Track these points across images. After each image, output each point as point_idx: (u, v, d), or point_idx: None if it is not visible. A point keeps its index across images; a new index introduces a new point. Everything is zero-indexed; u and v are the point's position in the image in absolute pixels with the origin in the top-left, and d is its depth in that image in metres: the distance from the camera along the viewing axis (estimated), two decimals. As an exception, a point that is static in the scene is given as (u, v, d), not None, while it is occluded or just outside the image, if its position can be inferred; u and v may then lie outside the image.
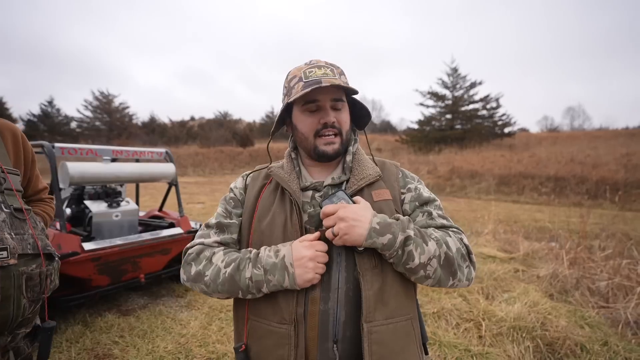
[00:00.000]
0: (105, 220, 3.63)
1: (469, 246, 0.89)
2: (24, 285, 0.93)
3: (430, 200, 0.96)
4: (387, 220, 0.82)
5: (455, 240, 0.86)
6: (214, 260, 0.88)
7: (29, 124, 36.81)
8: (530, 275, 4.19)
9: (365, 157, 1.01)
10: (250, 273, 0.83)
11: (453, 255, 0.83)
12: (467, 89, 29.67)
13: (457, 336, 2.82)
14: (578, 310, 3.20)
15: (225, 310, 3.36)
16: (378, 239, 0.79)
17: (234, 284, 0.84)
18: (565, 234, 5.51)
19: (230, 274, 0.85)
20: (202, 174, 25.21)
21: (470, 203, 11.94)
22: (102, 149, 3.55)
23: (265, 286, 0.83)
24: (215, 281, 0.86)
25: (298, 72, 0.92)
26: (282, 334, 0.84)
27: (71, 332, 2.87)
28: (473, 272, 0.88)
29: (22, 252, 0.94)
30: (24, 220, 0.99)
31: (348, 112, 0.96)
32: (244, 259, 0.87)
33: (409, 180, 0.99)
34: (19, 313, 0.93)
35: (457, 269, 0.84)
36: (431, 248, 0.81)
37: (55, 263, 1.06)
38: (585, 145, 20.73)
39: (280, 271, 0.81)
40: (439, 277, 0.82)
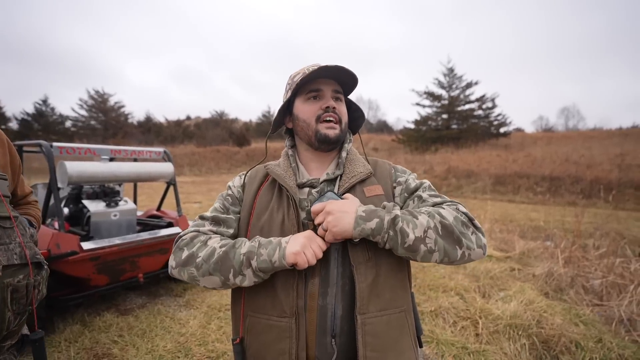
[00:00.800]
0: (104, 219, 3.62)
1: (468, 213, 0.86)
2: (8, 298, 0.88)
3: (419, 186, 0.97)
4: (372, 208, 0.83)
5: (450, 210, 0.85)
6: (209, 243, 0.87)
7: (23, 123, 36.45)
8: (526, 273, 4.24)
9: (358, 156, 1.04)
10: (246, 249, 0.83)
11: (451, 223, 0.80)
12: (463, 89, 29.82)
13: (454, 334, 2.86)
14: (573, 308, 3.25)
15: (224, 310, 3.37)
16: (366, 224, 0.80)
17: (227, 262, 0.83)
18: (560, 233, 5.58)
19: (225, 251, 0.84)
20: (198, 173, 25.12)
21: (467, 202, 12.01)
22: (101, 149, 3.54)
23: (255, 259, 0.82)
24: (208, 261, 0.83)
25: (301, 70, 0.98)
26: (283, 327, 0.85)
27: (70, 332, 2.87)
28: (482, 238, 0.84)
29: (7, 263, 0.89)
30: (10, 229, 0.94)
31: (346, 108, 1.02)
32: (241, 240, 0.88)
33: (399, 174, 1.01)
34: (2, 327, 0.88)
35: (461, 235, 0.80)
36: (423, 220, 0.80)
37: (44, 272, 1.01)
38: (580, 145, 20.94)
39: (273, 246, 0.82)
40: (443, 248, 0.79)
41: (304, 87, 0.97)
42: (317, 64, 0.96)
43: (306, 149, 1.02)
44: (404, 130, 32.08)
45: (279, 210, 0.93)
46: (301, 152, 1.04)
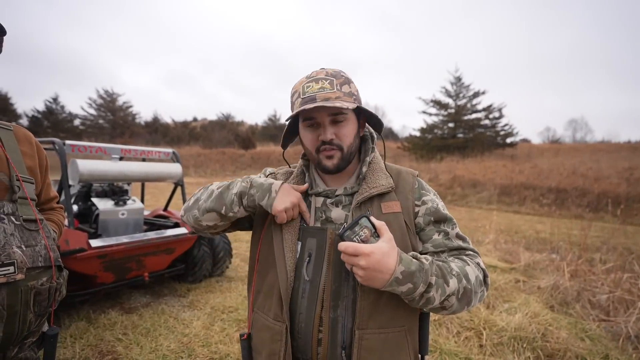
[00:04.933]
0: (112, 218, 3.66)
1: (485, 270, 0.89)
2: (31, 300, 0.90)
3: (448, 219, 0.94)
4: (411, 269, 0.76)
5: (474, 268, 0.86)
6: (210, 187, 0.99)
7: (33, 120, 37.02)
8: (531, 286, 4.20)
9: (381, 166, 0.99)
10: (237, 189, 0.93)
11: (471, 289, 0.82)
12: (470, 98, 29.75)
13: (458, 344, 2.84)
14: (579, 323, 3.21)
15: (227, 311, 3.38)
16: (398, 287, 0.76)
17: (221, 199, 0.93)
18: (567, 246, 5.52)
19: (220, 191, 0.95)
20: (203, 174, 25.26)
21: (472, 212, 11.95)
22: (111, 148, 3.59)
23: (246, 198, 0.91)
24: (207, 200, 0.95)
25: (299, 86, 0.91)
26: (276, 330, 0.89)
27: (75, 328, 2.90)
28: (486, 292, 0.89)
29: (32, 265, 0.90)
30: (36, 231, 0.95)
31: (352, 124, 0.93)
32: (235, 181, 0.97)
33: (425, 193, 0.96)
34: (24, 328, 0.90)
35: (473, 298, 0.83)
36: (452, 287, 0.80)
37: (65, 273, 1.03)
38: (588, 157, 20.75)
39: (264, 191, 0.91)
40: (455, 309, 0.83)
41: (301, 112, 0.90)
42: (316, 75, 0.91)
43: None
44: (409, 138, 32.03)
45: None
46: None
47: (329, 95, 0.86)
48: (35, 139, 1.13)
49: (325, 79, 0.89)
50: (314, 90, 0.87)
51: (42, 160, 1.13)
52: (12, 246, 0.88)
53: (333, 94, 0.86)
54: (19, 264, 0.87)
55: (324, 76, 0.90)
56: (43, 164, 1.13)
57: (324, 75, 0.90)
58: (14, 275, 0.86)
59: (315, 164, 0.96)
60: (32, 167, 1.06)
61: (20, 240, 0.90)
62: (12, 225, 0.90)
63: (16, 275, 0.86)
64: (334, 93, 0.86)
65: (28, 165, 1.04)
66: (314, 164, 0.98)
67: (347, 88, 0.90)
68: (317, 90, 0.87)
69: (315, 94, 0.86)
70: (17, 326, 0.88)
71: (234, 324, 3.13)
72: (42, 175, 1.13)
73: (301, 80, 0.93)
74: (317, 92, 0.86)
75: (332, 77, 0.90)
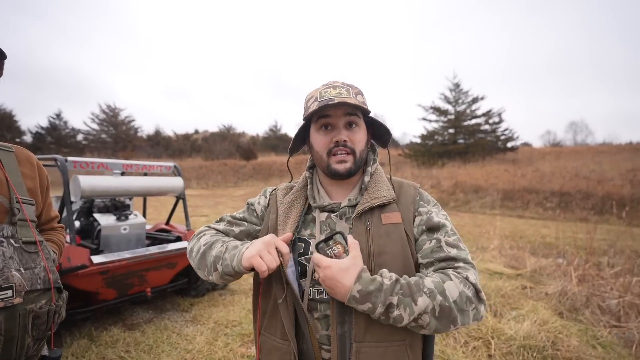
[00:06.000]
0: (114, 233, 3.65)
1: (476, 284, 0.81)
2: (29, 324, 0.88)
3: (440, 226, 0.90)
4: (369, 289, 0.76)
5: (457, 284, 0.79)
6: (201, 240, 0.98)
7: (37, 136, 37.30)
8: (538, 292, 4.13)
9: (383, 177, 0.99)
10: (215, 252, 0.90)
11: (450, 305, 0.76)
12: (469, 104, 29.81)
13: (466, 354, 2.78)
14: (589, 329, 3.15)
15: (230, 326, 3.33)
16: (357, 305, 0.77)
17: (203, 260, 0.92)
18: (573, 250, 5.45)
19: (203, 251, 0.94)
20: (205, 186, 25.29)
21: (475, 218, 11.86)
22: (113, 163, 3.60)
23: (220, 263, 0.87)
24: (195, 257, 0.95)
25: (315, 92, 0.95)
26: (285, 350, 0.87)
27: (77, 347, 2.86)
28: (482, 311, 0.81)
29: (31, 288, 0.89)
30: (35, 253, 0.95)
31: (364, 132, 0.96)
32: (220, 240, 0.94)
33: (423, 204, 0.96)
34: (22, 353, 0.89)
35: (458, 316, 0.77)
36: (422, 305, 0.76)
37: (64, 294, 1.02)
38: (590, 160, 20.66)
39: (234, 251, 0.87)
40: (434, 327, 0.77)
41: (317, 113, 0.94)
42: (333, 83, 0.95)
43: (324, 175, 1.01)
44: (410, 145, 32.05)
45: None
46: (321, 175, 1.03)
47: (346, 100, 0.88)
48: (36, 159, 1.14)
49: (342, 86, 0.94)
50: (331, 94, 0.91)
51: (42, 180, 1.12)
52: (10, 269, 0.87)
53: (350, 99, 0.89)
54: (18, 287, 0.86)
55: (340, 84, 0.95)
56: (44, 185, 1.13)
57: (340, 84, 0.95)
58: (11, 299, 0.84)
59: (324, 168, 0.96)
60: (33, 189, 1.06)
61: (19, 262, 0.90)
62: (11, 248, 0.90)
63: (14, 299, 0.85)
64: (350, 99, 0.89)
65: (28, 186, 1.04)
66: (322, 169, 0.97)
67: (361, 98, 0.95)
68: (335, 95, 0.90)
69: (334, 97, 0.89)
70: (14, 351, 0.86)
71: (238, 338, 3.09)
72: (43, 196, 1.12)
73: (317, 88, 0.97)
74: (336, 96, 0.89)
75: (348, 86, 0.95)
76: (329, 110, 0.92)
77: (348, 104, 0.88)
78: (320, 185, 1.02)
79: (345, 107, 0.91)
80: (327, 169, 0.95)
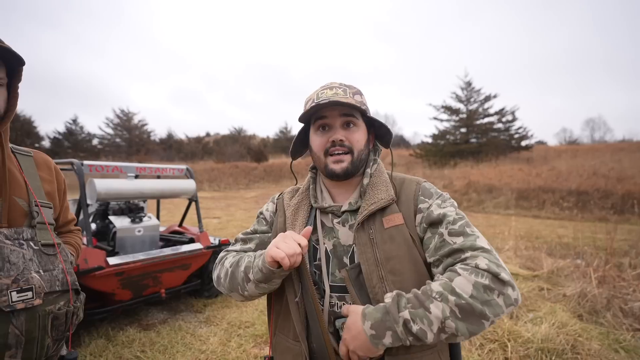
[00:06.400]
0: (129, 235, 3.71)
1: (490, 269, 0.73)
2: (49, 325, 0.90)
3: (442, 219, 0.85)
4: (377, 317, 0.75)
5: (467, 276, 0.73)
6: (225, 264, 0.97)
7: (54, 141, 38.37)
8: (556, 294, 4.03)
9: (383, 178, 0.96)
10: (244, 265, 0.90)
11: (468, 302, 0.70)
12: (481, 102, 29.41)
13: (482, 357, 2.73)
14: (611, 333, 3.05)
15: (243, 327, 3.35)
16: (383, 341, 0.73)
17: (234, 280, 0.92)
18: (592, 251, 5.30)
19: (232, 271, 0.93)
20: (217, 189, 25.55)
21: (489, 218, 11.66)
22: (127, 166, 3.67)
23: (251, 272, 0.87)
24: (225, 281, 0.94)
25: (313, 94, 0.94)
26: (297, 351, 0.87)
27: (95, 346, 2.91)
28: (512, 293, 0.72)
29: (50, 290, 0.91)
30: (54, 255, 0.97)
31: (363, 132, 0.94)
32: (244, 256, 0.94)
33: (423, 199, 0.91)
34: (42, 353, 0.90)
35: (484, 308, 0.70)
36: (436, 312, 0.71)
37: (82, 296, 1.04)
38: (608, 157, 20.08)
39: (262, 257, 0.87)
40: (466, 330, 0.70)
41: (314, 115, 0.94)
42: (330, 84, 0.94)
43: (324, 177, 1.01)
44: (421, 145, 31.77)
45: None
46: (323, 176, 1.03)
47: (341, 99, 0.88)
48: (54, 163, 1.16)
49: (339, 87, 0.93)
50: (327, 95, 0.90)
51: (60, 184, 1.14)
52: (30, 271, 0.88)
53: (346, 99, 0.88)
54: (37, 289, 0.88)
55: (337, 85, 0.94)
56: (61, 188, 1.15)
57: (337, 85, 0.94)
58: (32, 300, 0.86)
59: (323, 169, 0.95)
60: (51, 192, 1.08)
61: (38, 265, 0.91)
62: (30, 250, 0.92)
63: (34, 301, 0.87)
64: (347, 99, 0.89)
65: (47, 190, 1.06)
66: (321, 170, 0.97)
67: (359, 98, 0.94)
68: (331, 95, 0.89)
69: (329, 98, 0.88)
70: (35, 352, 0.88)
71: (251, 339, 3.10)
72: (61, 199, 1.14)
73: (316, 89, 0.96)
74: (332, 96, 0.89)
75: (346, 87, 0.94)
76: (325, 111, 0.91)
77: (341, 103, 0.86)
78: (324, 186, 1.02)
79: (341, 108, 0.90)
80: (325, 170, 0.94)
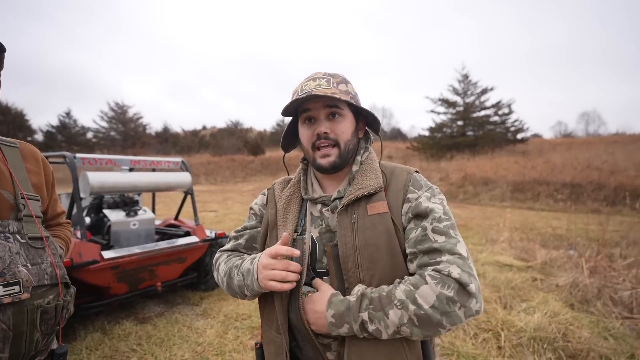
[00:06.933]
0: (124, 229, 3.70)
1: (461, 278, 0.72)
2: (38, 319, 0.89)
3: (429, 212, 0.83)
4: (340, 309, 0.79)
5: (434, 286, 0.72)
6: (220, 271, 1.02)
7: (48, 135, 37.93)
8: (549, 284, 4.09)
9: (373, 166, 0.94)
10: (236, 281, 0.94)
11: (427, 312, 0.71)
12: (478, 95, 29.37)
13: (476, 346, 2.77)
14: (601, 321, 3.11)
15: (240, 319, 3.37)
16: (339, 330, 0.79)
17: (231, 289, 0.97)
18: (584, 242, 5.37)
19: (227, 282, 0.98)
20: (214, 182, 25.48)
21: (484, 210, 11.75)
22: (121, 159, 3.64)
23: (246, 289, 0.91)
24: (224, 287, 1.00)
25: (298, 87, 0.92)
26: (279, 343, 0.89)
27: (90, 340, 2.92)
28: (474, 305, 0.72)
29: (38, 284, 0.90)
30: (42, 249, 0.95)
31: (349, 122, 0.93)
32: (234, 267, 0.96)
33: (413, 189, 0.89)
34: (31, 347, 0.89)
35: (442, 319, 0.71)
36: (394, 318, 0.74)
37: (72, 290, 1.02)
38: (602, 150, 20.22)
39: (251, 276, 0.88)
40: (420, 335, 0.74)
41: (299, 107, 0.93)
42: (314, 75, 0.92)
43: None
44: (418, 138, 31.77)
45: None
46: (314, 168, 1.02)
47: (325, 91, 0.86)
48: (41, 154, 1.13)
49: (322, 77, 0.91)
50: (310, 87, 0.88)
51: (48, 176, 1.12)
52: (17, 265, 0.87)
53: (329, 89, 0.87)
54: (25, 283, 0.87)
55: (321, 75, 0.92)
56: (49, 180, 1.13)
57: (321, 75, 0.92)
58: (19, 294, 0.85)
59: (312, 163, 0.95)
60: (38, 184, 1.06)
61: (25, 258, 0.90)
62: (17, 243, 0.90)
63: (21, 295, 0.85)
64: (329, 89, 0.88)
65: (33, 182, 1.04)
66: (311, 163, 0.96)
67: (343, 87, 0.91)
68: (314, 87, 0.87)
69: (311, 90, 0.86)
70: (23, 346, 0.87)
71: (248, 331, 3.12)
72: (49, 192, 1.12)
73: (301, 81, 0.94)
74: (314, 88, 0.87)
75: (330, 76, 0.92)
76: (308, 103, 0.90)
77: (318, 96, 0.85)
78: (314, 177, 1.01)
79: (324, 99, 0.89)
80: (313, 164, 0.94)
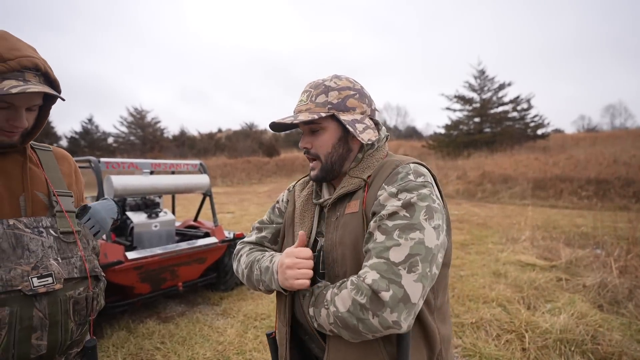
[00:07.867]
0: (146, 230, 3.80)
1: (374, 285, 0.70)
2: (71, 309, 0.93)
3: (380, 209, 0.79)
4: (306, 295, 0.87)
5: (350, 291, 0.73)
6: (241, 262, 1.04)
7: (72, 141, 39.37)
8: (575, 284, 3.95)
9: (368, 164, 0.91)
10: (255, 277, 0.97)
11: (343, 315, 0.74)
12: (495, 90, 28.68)
13: (499, 348, 2.71)
14: (633, 323, 2.98)
15: (259, 319, 3.40)
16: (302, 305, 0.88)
17: (250, 282, 1.00)
18: (612, 240, 5.17)
19: (247, 274, 1.01)
20: (230, 184, 25.83)
21: (504, 209, 11.45)
22: (142, 163, 3.75)
23: (262, 284, 0.94)
24: (243, 279, 1.03)
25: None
26: (283, 333, 0.95)
27: (117, 338, 3.01)
28: (389, 316, 0.69)
29: (68, 277, 0.93)
30: (73, 243, 0.98)
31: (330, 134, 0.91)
32: (254, 261, 0.99)
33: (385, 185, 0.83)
34: (67, 337, 0.93)
35: (358, 325, 0.72)
36: (324, 317, 0.79)
37: (102, 283, 1.06)
38: (630, 145, 19.33)
39: (270, 275, 0.91)
40: (350, 337, 0.76)
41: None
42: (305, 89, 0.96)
43: None
44: (434, 136, 31.30)
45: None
46: None
47: (301, 108, 0.92)
48: (72, 158, 1.19)
49: (306, 91, 0.94)
50: (298, 103, 0.95)
51: (78, 177, 1.18)
52: (49, 258, 0.91)
53: (305, 106, 0.91)
54: (56, 275, 0.91)
55: (308, 88, 0.95)
56: (80, 181, 1.19)
57: (308, 87, 0.95)
58: (52, 285, 0.89)
59: None
60: (69, 185, 1.11)
61: (57, 252, 0.94)
62: (50, 237, 0.94)
63: (55, 286, 0.89)
64: (305, 105, 0.91)
65: (67, 182, 1.10)
66: None
67: (322, 98, 0.91)
68: (298, 104, 0.94)
69: (296, 107, 0.94)
70: (60, 335, 0.91)
71: (267, 330, 3.15)
72: (80, 193, 1.18)
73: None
74: (298, 105, 0.94)
75: (313, 88, 0.93)
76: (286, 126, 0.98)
77: (277, 125, 0.94)
78: None
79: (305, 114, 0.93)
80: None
